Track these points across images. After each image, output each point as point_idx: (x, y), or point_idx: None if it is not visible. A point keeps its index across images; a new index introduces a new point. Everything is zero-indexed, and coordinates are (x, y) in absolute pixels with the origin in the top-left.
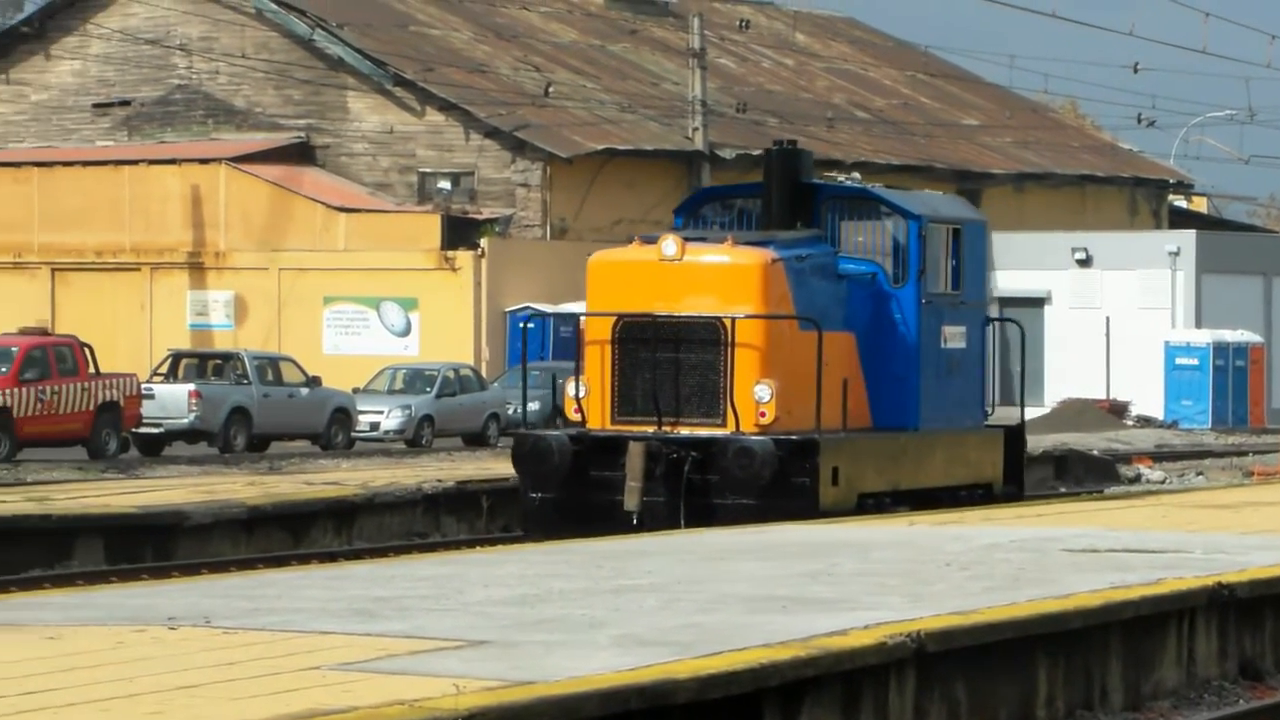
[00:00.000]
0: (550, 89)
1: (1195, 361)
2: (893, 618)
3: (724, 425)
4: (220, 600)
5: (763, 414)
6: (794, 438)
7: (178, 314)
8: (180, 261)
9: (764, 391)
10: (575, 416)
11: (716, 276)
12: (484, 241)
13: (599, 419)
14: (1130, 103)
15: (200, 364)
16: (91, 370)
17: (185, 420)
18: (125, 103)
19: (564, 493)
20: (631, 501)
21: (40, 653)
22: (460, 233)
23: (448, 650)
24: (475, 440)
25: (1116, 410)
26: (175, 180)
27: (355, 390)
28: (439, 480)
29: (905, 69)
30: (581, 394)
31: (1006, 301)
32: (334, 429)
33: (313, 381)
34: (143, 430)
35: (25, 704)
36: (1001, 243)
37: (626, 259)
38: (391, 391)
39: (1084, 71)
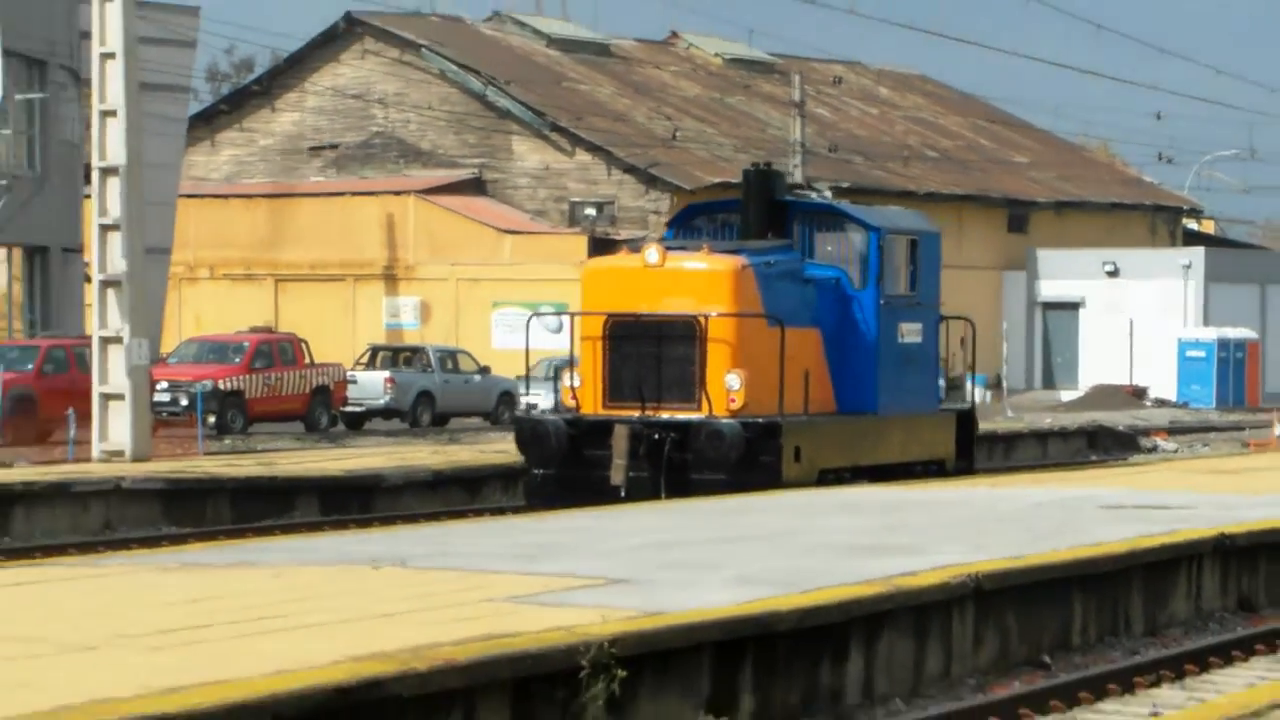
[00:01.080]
0: (677, 134)
1: (1203, 354)
2: (955, 561)
3: (699, 410)
4: (413, 546)
5: (733, 400)
6: (760, 421)
7: (375, 315)
8: (377, 273)
9: (734, 380)
10: (571, 403)
11: (693, 280)
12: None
13: (592, 405)
14: (1152, 144)
15: (393, 356)
16: (307, 361)
17: (381, 401)
18: (334, 146)
19: (561, 469)
20: (617, 477)
21: (269, 586)
22: (602, 251)
23: (595, 587)
24: None
25: (1137, 394)
26: (374, 208)
27: (518, 378)
28: None
29: (968, 116)
30: (576, 384)
31: (1049, 306)
32: (500, 408)
33: (483, 370)
34: (348, 409)
35: (257, 627)
36: (1045, 258)
37: (615, 266)
38: (547, 378)
39: (1115, 118)
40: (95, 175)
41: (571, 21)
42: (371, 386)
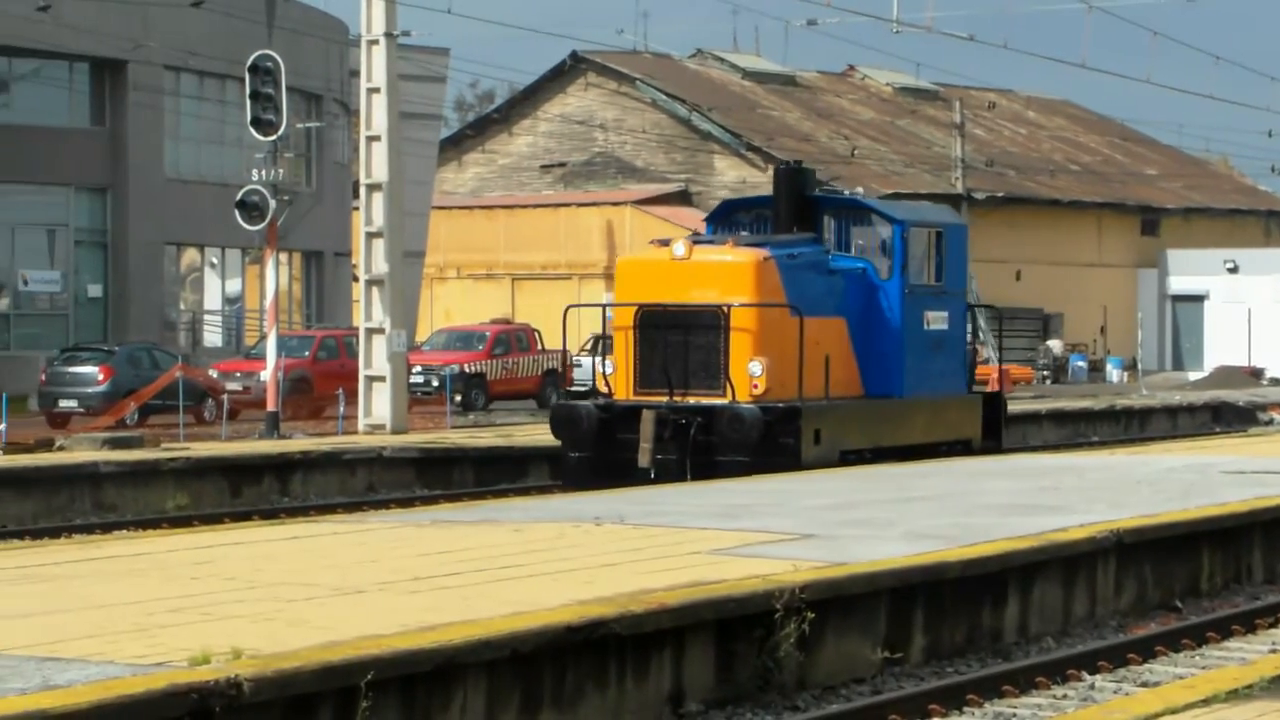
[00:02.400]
0: (855, 152)
1: None
2: (1099, 519)
3: (723, 395)
4: (630, 506)
5: (755, 386)
6: (780, 406)
7: (596, 309)
8: (598, 272)
9: (756, 367)
10: (605, 389)
11: (718, 272)
12: None
13: (624, 390)
14: (1266, 158)
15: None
16: (539, 348)
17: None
18: (562, 164)
19: (594, 452)
20: (644, 460)
21: (509, 540)
22: None
23: (787, 541)
24: None
25: (1255, 374)
26: (595, 217)
27: None
28: None
29: (1105, 135)
30: (609, 370)
31: (1178, 298)
32: None
33: None
34: (573, 389)
35: (498, 575)
36: (1174, 257)
37: (646, 259)
38: None
39: (1232, 136)
40: (362, 191)
41: (762, 57)
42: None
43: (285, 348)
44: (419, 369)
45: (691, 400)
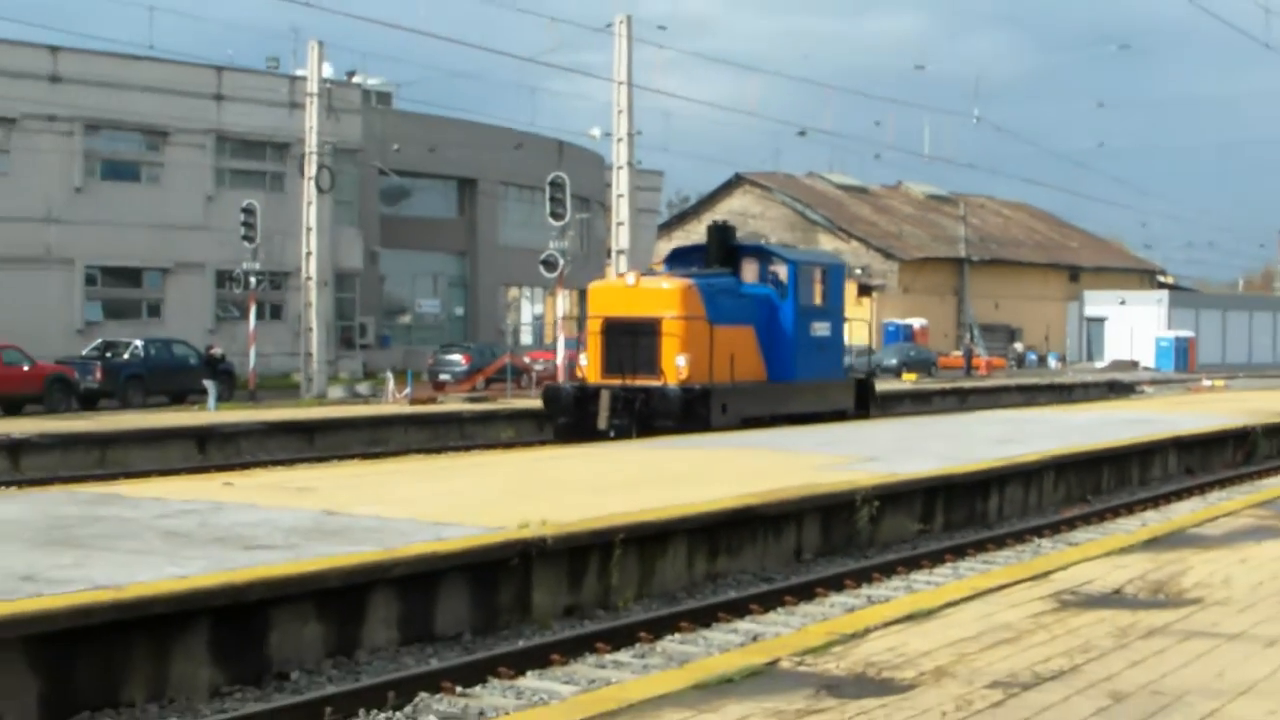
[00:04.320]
0: (901, 232)
1: (1168, 344)
2: (1045, 448)
3: (659, 379)
4: (770, 439)
5: (681, 373)
6: (696, 387)
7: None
8: None
9: (681, 360)
10: (580, 375)
11: (657, 295)
12: (875, 294)
13: (594, 375)
14: (1141, 237)
15: None
16: None
17: None
18: None
19: (571, 418)
20: (602, 423)
21: (698, 457)
22: (867, 293)
23: (862, 461)
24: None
25: (1134, 365)
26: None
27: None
28: None
29: (1047, 223)
30: (584, 362)
31: (1090, 319)
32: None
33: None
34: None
35: (693, 478)
36: (1089, 295)
37: (609, 285)
38: None
39: (1123, 224)
40: (613, 254)
41: (847, 174)
42: None
43: (567, 345)
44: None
45: (639, 383)
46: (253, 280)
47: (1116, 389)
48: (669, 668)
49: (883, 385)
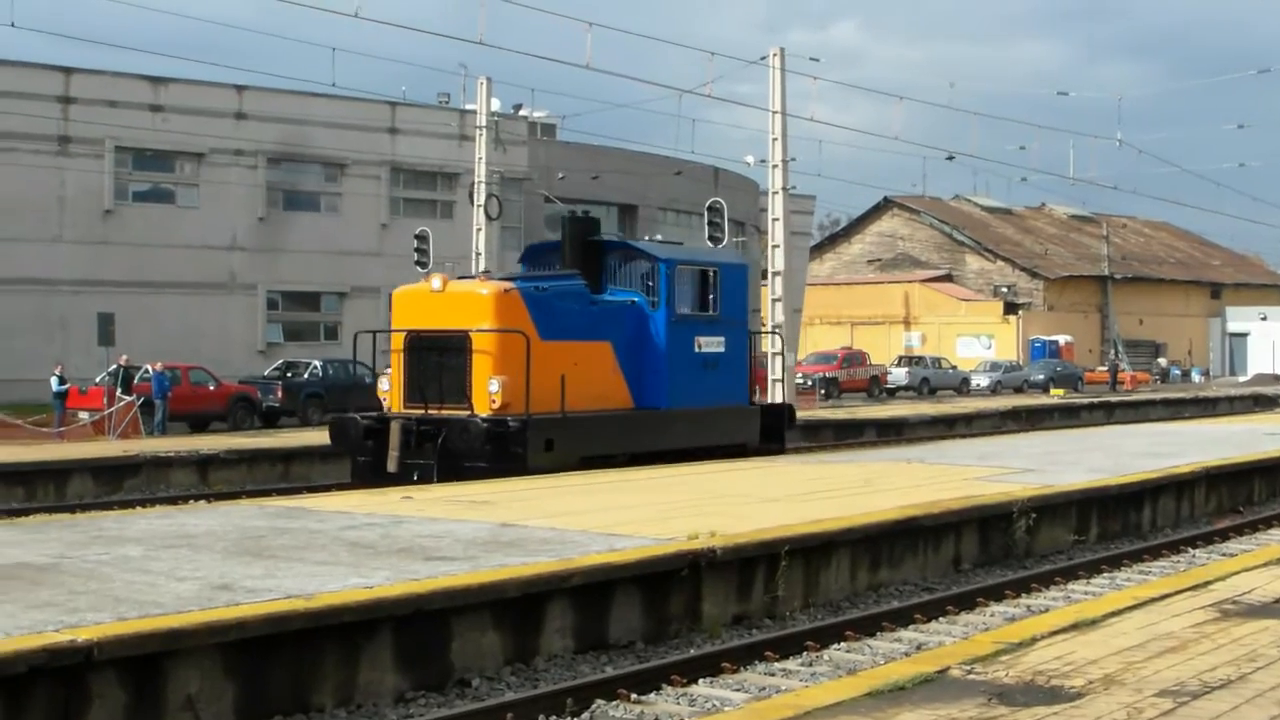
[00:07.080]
0: (1046, 251)
1: None
2: (1196, 460)
3: (468, 409)
4: (925, 453)
5: (494, 401)
6: (509, 420)
7: (898, 341)
8: (899, 320)
9: (494, 385)
10: (384, 402)
11: (465, 303)
12: (1021, 312)
13: (396, 404)
14: None
15: (910, 360)
16: (870, 362)
17: (903, 382)
18: (879, 260)
19: (365, 455)
20: (392, 465)
21: (859, 471)
22: (1013, 311)
23: (1017, 473)
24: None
25: (1277, 378)
26: (897, 290)
27: (969, 370)
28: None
29: (1189, 241)
30: (385, 387)
31: (1233, 334)
32: (962, 385)
33: (953, 367)
34: (887, 386)
35: (855, 491)
36: (1230, 311)
37: (413, 290)
38: (983, 371)
39: (1261, 240)
40: (770, 275)
41: (992, 197)
42: (898, 376)
43: None
44: (800, 375)
45: (445, 413)
46: None
47: (1261, 402)
48: (837, 676)
49: (1029, 400)
